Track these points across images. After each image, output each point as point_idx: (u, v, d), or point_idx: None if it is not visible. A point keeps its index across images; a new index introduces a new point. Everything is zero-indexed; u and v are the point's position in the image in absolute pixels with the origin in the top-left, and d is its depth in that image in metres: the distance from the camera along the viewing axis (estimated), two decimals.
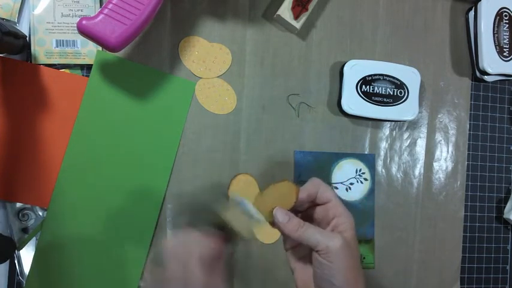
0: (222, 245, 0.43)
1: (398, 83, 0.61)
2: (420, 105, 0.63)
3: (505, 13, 0.63)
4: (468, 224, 0.66)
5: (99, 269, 0.54)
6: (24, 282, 0.53)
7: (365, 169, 0.62)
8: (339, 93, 0.61)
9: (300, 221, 0.41)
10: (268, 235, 0.59)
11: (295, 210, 0.43)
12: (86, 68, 0.55)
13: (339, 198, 0.42)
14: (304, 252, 0.43)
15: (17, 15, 0.53)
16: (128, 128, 0.55)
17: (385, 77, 0.61)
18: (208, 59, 0.58)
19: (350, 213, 0.42)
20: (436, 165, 0.65)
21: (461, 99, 0.66)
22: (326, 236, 0.39)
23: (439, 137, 0.65)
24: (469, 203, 0.66)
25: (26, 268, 0.53)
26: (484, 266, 0.66)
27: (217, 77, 0.58)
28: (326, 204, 0.42)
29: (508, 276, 0.67)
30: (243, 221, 0.46)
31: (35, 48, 0.54)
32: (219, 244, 0.43)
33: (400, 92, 0.61)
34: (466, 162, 0.66)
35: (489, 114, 0.67)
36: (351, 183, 0.62)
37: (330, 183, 0.61)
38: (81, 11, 0.55)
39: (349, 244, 0.39)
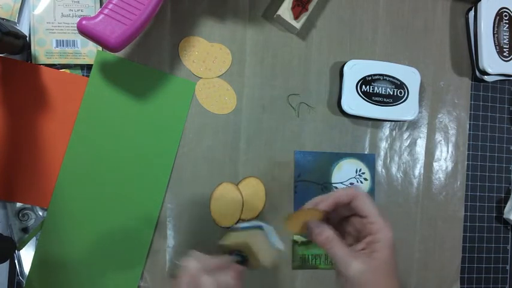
0: (241, 277, 0.42)
1: (398, 83, 0.61)
2: (420, 105, 0.63)
3: (505, 13, 0.63)
4: (468, 224, 0.66)
5: (99, 269, 0.54)
6: (24, 282, 0.53)
7: (365, 169, 0.62)
8: (339, 93, 0.61)
9: (330, 235, 0.40)
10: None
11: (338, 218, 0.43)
12: (86, 68, 0.56)
13: (379, 212, 0.40)
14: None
15: (17, 15, 0.53)
16: (128, 128, 0.55)
17: (385, 77, 0.61)
18: (208, 59, 0.58)
19: (389, 230, 0.39)
20: (436, 165, 0.65)
21: (461, 99, 0.66)
22: (345, 259, 0.38)
23: (439, 137, 0.65)
24: (469, 203, 0.66)
25: (26, 268, 0.53)
26: (484, 266, 0.66)
27: (217, 77, 0.58)
28: (364, 218, 0.40)
29: (508, 276, 0.67)
30: (266, 248, 0.46)
31: (35, 48, 0.54)
32: (238, 276, 0.42)
33: (400, 92, 0.61)
34: (466, 162, 0.66)
35: (489, 114, 0.67)
36: (351, 183, 0.62)
37: (330, 183, 0.61)
38: (81, 11, 0.55)
39: (377, 267, 0.38)
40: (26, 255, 0.54)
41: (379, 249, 0.38)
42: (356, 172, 0.62)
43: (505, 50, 0.62)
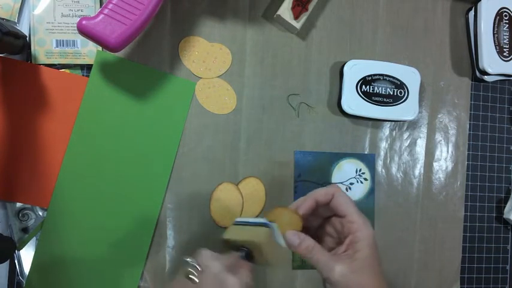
0: (252, 274, 0.41)
1: (398, 83, 0.61)
2: (420, 105, 0.63)
3: (505, 13, 0.63)
4: (468, 224, 0.66)
5: (99, 269, 0.54)
6: (24, 282, 0.53)
7: (365, 169, 0.62)
8: (339, 93, 0.61)
9: (310, 243, 0.40)
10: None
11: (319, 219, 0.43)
12: (86, 68, 0.55)
13: (358, 211, 0.41)
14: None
15: (17, 15, 0.53)
16: (128, 128, 0.55)
17: (385, 77, 0.61)
18: (208, 59, 0.58)
19: (369, 228, 0.40)
20: (436, 165, 0.65)
21: (461, 99, 0.66)
22: (327, 264, 0.38)
23: (439, 137, 0.65)
24: (469, 203, 0.66)
25: (26, 268, 0.53)
26: (484, 266, 0.66)
27: (217, 77, 0.58)
28: (343, 218, 0.41)
29: (508, 276, 0.67)
30: (274, 247, 0.44)
31: (35, 48, 0.54)
32: (253, 275, 0.41)
33: (400, 92, 0.61)
34: (466, 162, 0.66)
35: (489, 114, 0.67)
36: (351, 183, 0.62)
37: (330, 183, 0.61)
38: (81, 11, 0.55)
39: (360, 267, 0.38)
40: (26, 255, 0.54)
41: (360, 249, 0.39)
42: (356, 172, 0.62)
43: (505, 50, 0.62)
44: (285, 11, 0.57)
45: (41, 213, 0.54)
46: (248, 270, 0.41)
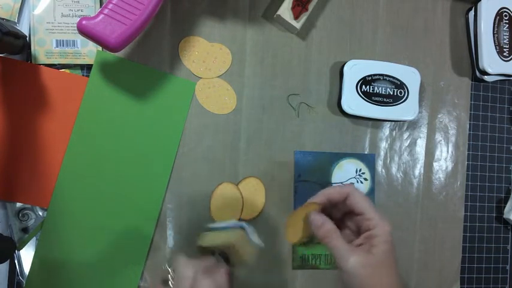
0: (230, 277, 0.43)
1: (398, 83, 0.61)
2: (420, 105, 0.63)
3: (505, 13, 0.63)
4: (468, 224, 0.66)
5: (99, 269, 0.54)
6: (24, 282, 0.53)
7: (365, 169, 0.62)
8: (339, 93, 0.61)
9: (331, 228, 0.40)
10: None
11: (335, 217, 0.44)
12: (86, 68, 0.56)
13: (374, 208, 0.41)
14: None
15: (17, 15, 0.53)
16: (128, 128, 0.55)
17: (385, 77, 0.61)
18: (208, 59, 0.58)
19: (386, 225, 0.40)
20: (436, 165, 0.65)
21: (461, 99, 0.66)
22: (343, 253, 0.39)
23: (439, 137, 0.65)
24: (469, 203, 0.66)
25: (26, 268, 0.53)
26: (484, 266, 0.66)
27: (217, 77, 0.58)
28: (360, 215, 0.41)
29: (508, 276, 0.67)
30: (248, 246, 0.46)
31: (35, 48, 0.54)
32: (229, 276, 0.43)
33: (400, 92, 0.61)
34: (466, 162, 0.66)
35: (489, 114, 0.67)
36: (351, 183, 0.62)
37: (330, 184, 0.61)
38: (81, 11, 0.55)
39: (375, 261, 0.38)
40: (26, 255, 0.54)
41: (376, 244, 0.39)
42: (356, 172, 0.62)
43: (505, 50, 0.62)
44: (285, 11, 0.57)
45: (41, 213, 0.54)
46: (224, 272, 0.43)
